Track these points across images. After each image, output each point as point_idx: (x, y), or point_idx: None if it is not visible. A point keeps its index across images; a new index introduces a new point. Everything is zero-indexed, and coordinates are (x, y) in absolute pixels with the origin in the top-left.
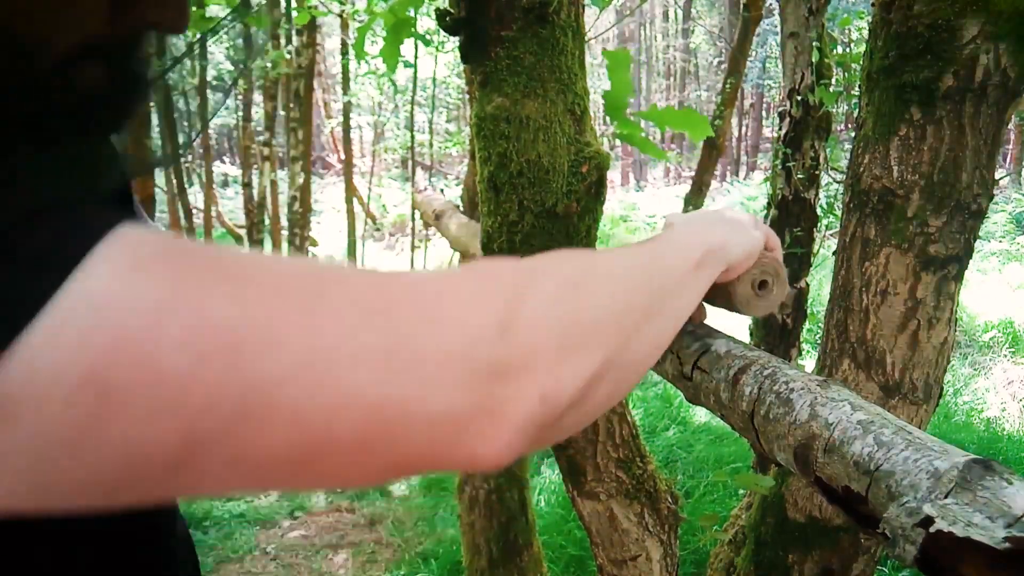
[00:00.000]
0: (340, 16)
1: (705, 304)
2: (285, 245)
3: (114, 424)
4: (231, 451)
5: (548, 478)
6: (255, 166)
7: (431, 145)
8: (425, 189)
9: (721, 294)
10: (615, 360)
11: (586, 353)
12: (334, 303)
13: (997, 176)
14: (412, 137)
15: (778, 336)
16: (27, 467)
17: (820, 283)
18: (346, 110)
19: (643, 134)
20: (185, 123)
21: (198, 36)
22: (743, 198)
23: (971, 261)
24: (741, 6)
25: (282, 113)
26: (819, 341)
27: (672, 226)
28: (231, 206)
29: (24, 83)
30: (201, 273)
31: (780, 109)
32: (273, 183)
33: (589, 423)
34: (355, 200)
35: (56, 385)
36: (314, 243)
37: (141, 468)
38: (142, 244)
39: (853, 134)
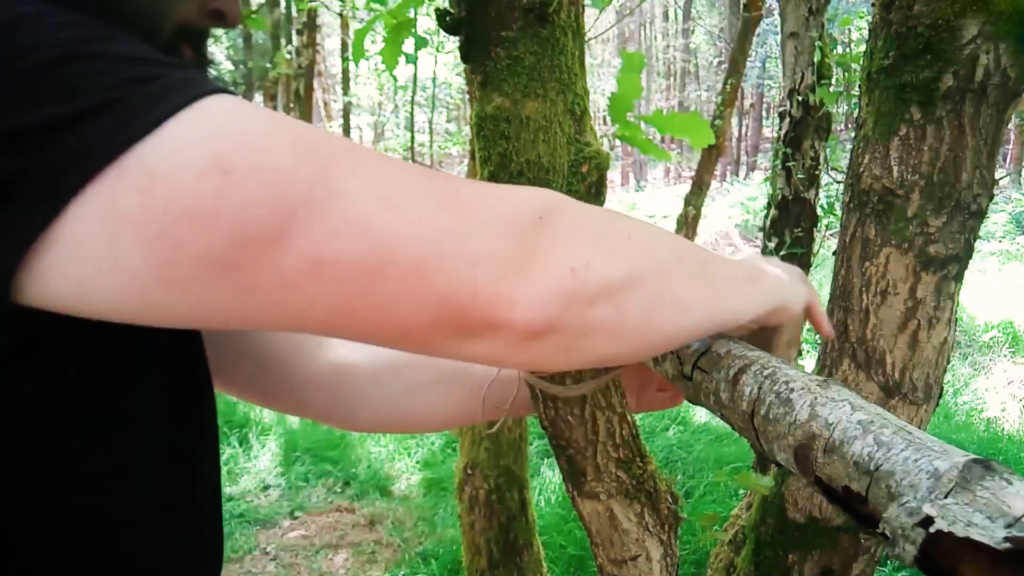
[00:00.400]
0: (340, 16)
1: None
2: None
3: (229, 199)
4: (315, 245)
5: (548, 478)
6: None
7: (431, 145)
8: None
9: (760, 342)
10: (647, 281)
11: (615, 256)
12: (410, 166)
13: (997, 176)
14: (412, 137)
15: None
16: (155, 235)
17: (820, 283)
18: (346, 110)
19: (643, 135)
20: None
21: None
22: (743, 198)
23: (971, 261)
24: (741, 6)
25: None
26: (819, 341)
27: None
28: None
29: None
30: (307, 127)
31: (780, 109)
32: None
33: (627, 346)
34: None
35: (190, 162)
36: None
37: (247, 245)
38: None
39: (853, 134)
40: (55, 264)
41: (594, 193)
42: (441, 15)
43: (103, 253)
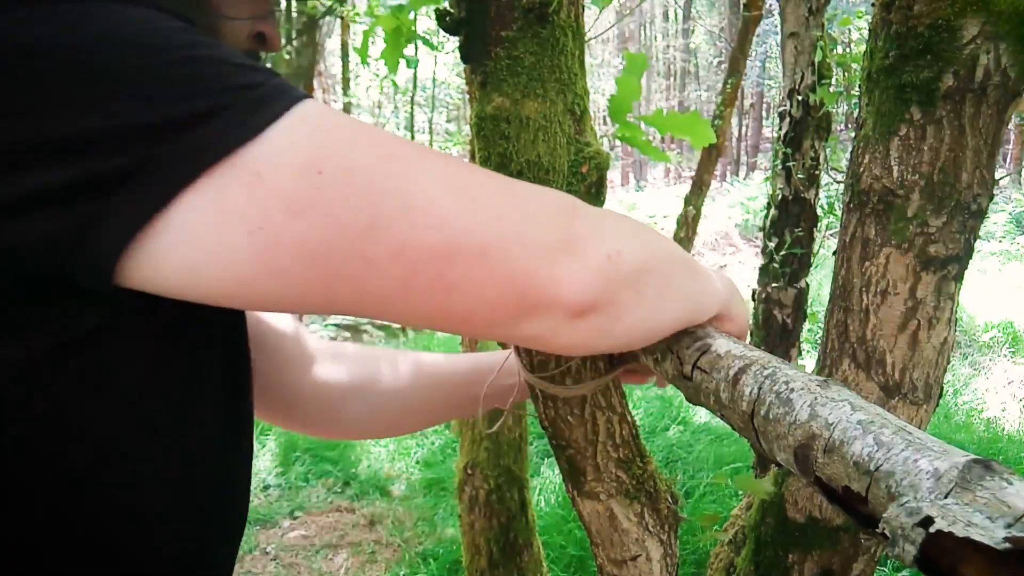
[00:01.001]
0: (340, 17)
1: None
2: None
3: (324, 196)
4: (397, 235)
5: (548, 478)
6: None
7: (431, 145)
8: None
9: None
10: (659, 271)
11: (638, 245)
12: (468, 164)
13: (997, 176)
14: (412, 137)
15: (778, 336)
16: (258, 227)
17: (820, 283)
18: (346, 110)
19: (644, 137)
20: None
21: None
22: (743, 198)
23: (971, 261)
24: (741, 6)
25: None
26: (819, 341)
27: None
28: None
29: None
30: (382, 133)
31: (780, 109)
32: None
33: (641, 326)
34: None
35: (290, 163)
36: None
37: (338, 235)
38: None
39: (853, 134)
40: (167, 247)
41: (594, 193)
42: (441, 15)
43: (212, 240)
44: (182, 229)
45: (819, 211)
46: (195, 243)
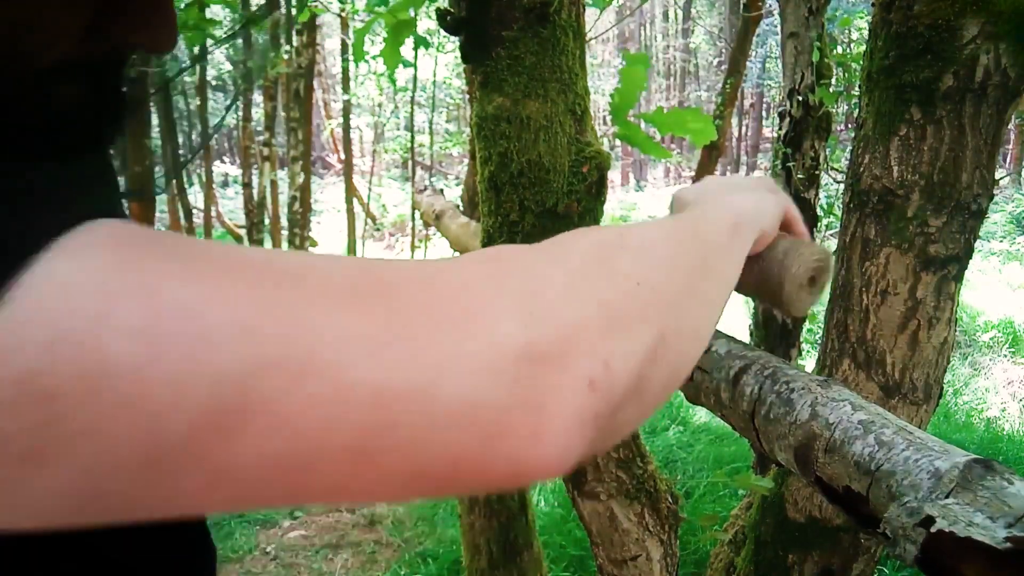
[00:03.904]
0: (340, 16)
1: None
2: (285, 245)
3: (65, 431)
4: (207, 461)
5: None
6: (255, 166)
7: (431, 145)
8: (425, 189)
9: (767, 290)
10: (668, 335)
11: (633, 328)
12: (321, 287)
13: (997, 176)
14: (412, 137)
15: (778, 336)
16: None
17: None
18: (346, 110)
19: (643, 134)
20: (185, 134)
21: (196, 51)
22: None
23: (971, 261)
24: (741, 6)
25: (282, 113)
26: (819, 341)
27: (685, 201)
28: (231, 206)
29: (1, 96)
30: (162, 256)
31: (780, 109)
32: (273, 183)
33: (652, 414)
34: (355, 200)
35: (12, 395)
36: (314, 243)
37: (104, 481)
38: (98, 232)
39: (853, 134)
40: None
41: (594, 193)
42: (441, 15)
43: None
44: None
45: (819, 211)
46: None
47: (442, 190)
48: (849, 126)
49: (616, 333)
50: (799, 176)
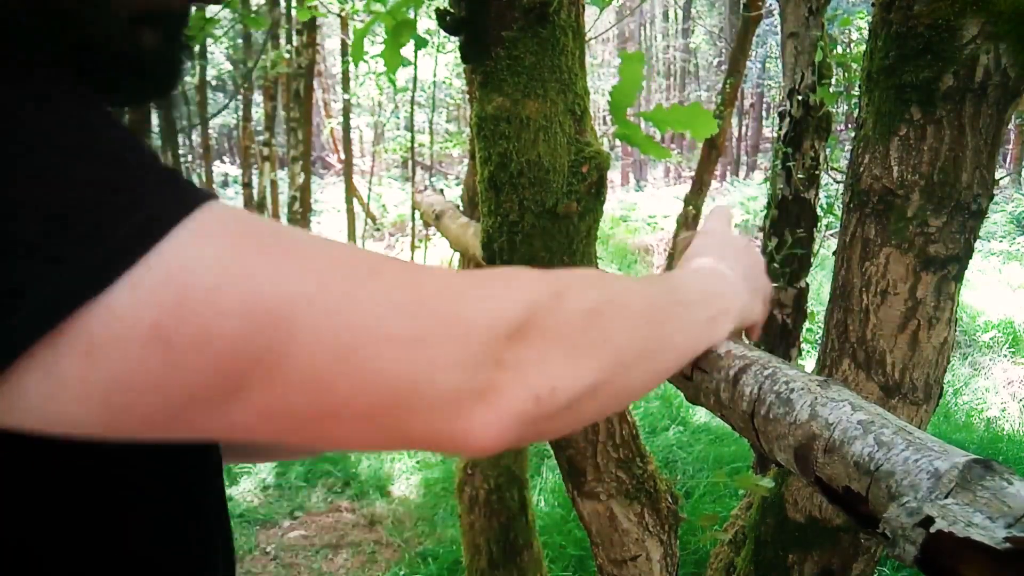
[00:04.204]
0: (340, 16)
1: None
2: None
3: (173, 370)
4: (264, 403)
5: (548, 478)
6: (255, 166)
7: (431, 145)
8: (425, 189)
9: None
10: (613, 382)
11: (585, 371)
12: (373, 290)
13: (997, 176)
14: (412, 137)
15: (778, 336)
16: (100, 398)
17: (820, 283)
18: (346, 110)
19: (643, 134)
20: (184, 125)
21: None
22: (743, 198)
23: (971, 261)
24: (741, 6)
25: (282, 113)
26: (819, 341)
27: (690, 255)
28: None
29: (98, 37)
30: (262, 247)
31: (780, 109)
32: (273, 183)
33: (574, 430)
34: (355, 200)
35: (131, 332)
36: None
37: (191, 409)
38: (219, 218)
39: (853, 134)
40: (4, 408)
41: (594, 193)
42: (441, 15)
43: (48, 409)
44: (16, 396)
45: (819, 211)
46: (33, 409)
47: (442, 190)
48: (849, 126)
49: (571, 367)
50: (799, 176)
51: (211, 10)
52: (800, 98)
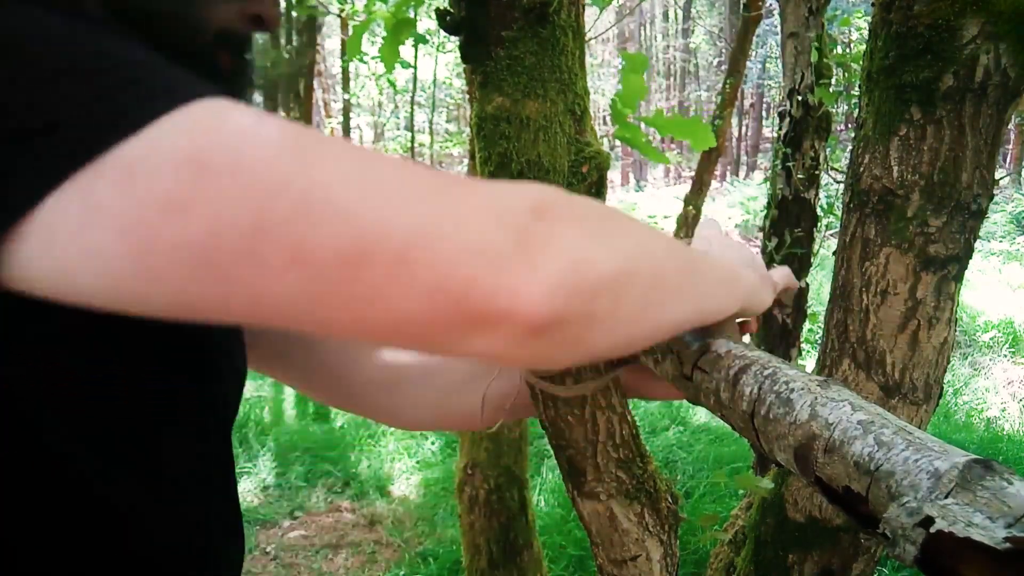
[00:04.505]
0: (340, 16)
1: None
2: None
3: (205, 193)
4: (292, 240)
5: (548, 478)
6: None
7: (431, 145)
8: None
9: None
10: (642, 276)
11: (612, 251)
12: (397, 160)
13: (997, 176)
14: (412, 137)
15: (778, 336)
16: (131, 226)
17: (820, 283)
18: (346, 110)
19: (643, 137)
20: None
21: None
22: (743, 198)
23: (971, 261)
24: (741, 6)
25: (282, 113)
26: (819, 341)
27: (707, 240)
28: None
29: (187, 55)
30: (294, 126)
31: (780, 109)
32: None
33: (619, 337)
34: None
35: (168, 159)
36: None
37: (223, 237)
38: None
39: (853, 134)
40: (35, 251)
41: (594, 193)
42: (441, 15)
43: (79, 242)
44: (50, 233)
45: (819, 211)
46: (64, 245)
47: None
48: (849, 126)
49: (599, 245)
50: (799, 176)
51: None
52: (800, 98)
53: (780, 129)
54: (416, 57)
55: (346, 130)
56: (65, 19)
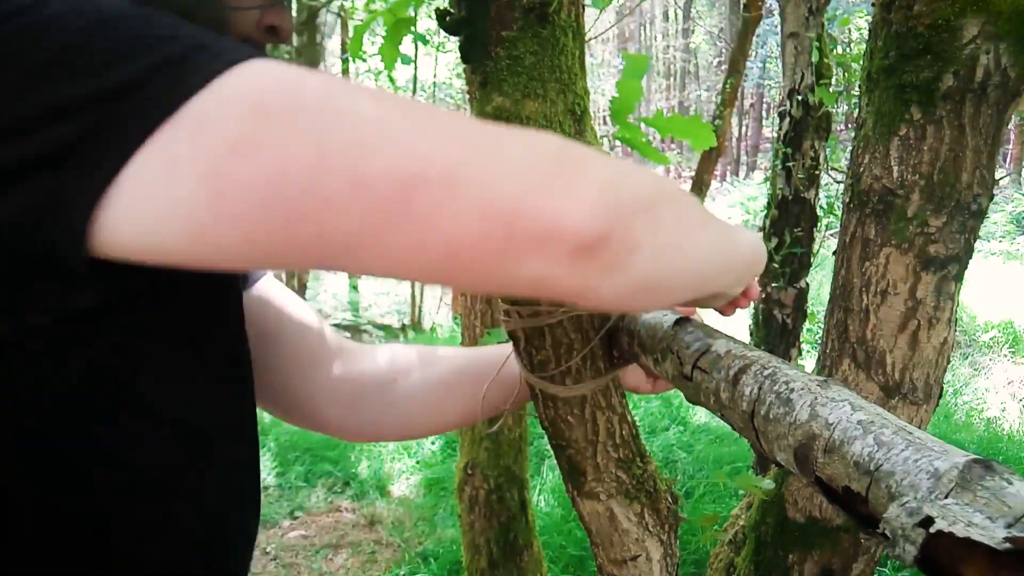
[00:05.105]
0: (340, 16)
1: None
2: None
3: (269, 135)
4: (351, 165)
5: (548, 478)
6: None
7: None
8: None
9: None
10: (671, 202)
11: (640, 179)
12: (435, 108)
13: (997, 176)
14: None
15: (778, 336)
16: (206, 171)
17: (820, 283)
18: None
19: (644, 138)
20: None
21: None
22: (743, 198)
23: (971, 261)
24: (741, 6)
25: None
26: (819, 341)
27: None
28: None
29: None
30: (339, 78)
31: (780, 109)
32: None
33: (660, 265)
34: None
35: (235, 108)
36: None
37: (288, 173)
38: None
39: (853, 134)
40: (123, 211)
41: None
42: (441, 15)
43: (163, 194)
44: (137, 188)
45: (819, 211)
46: (150, 199)
47: None
48: (849, 126)
49: (626, 173)
50: (799, 176)
51: None
52: (800, 98)
53: (780, 129)
54: (416, 56)
55: None
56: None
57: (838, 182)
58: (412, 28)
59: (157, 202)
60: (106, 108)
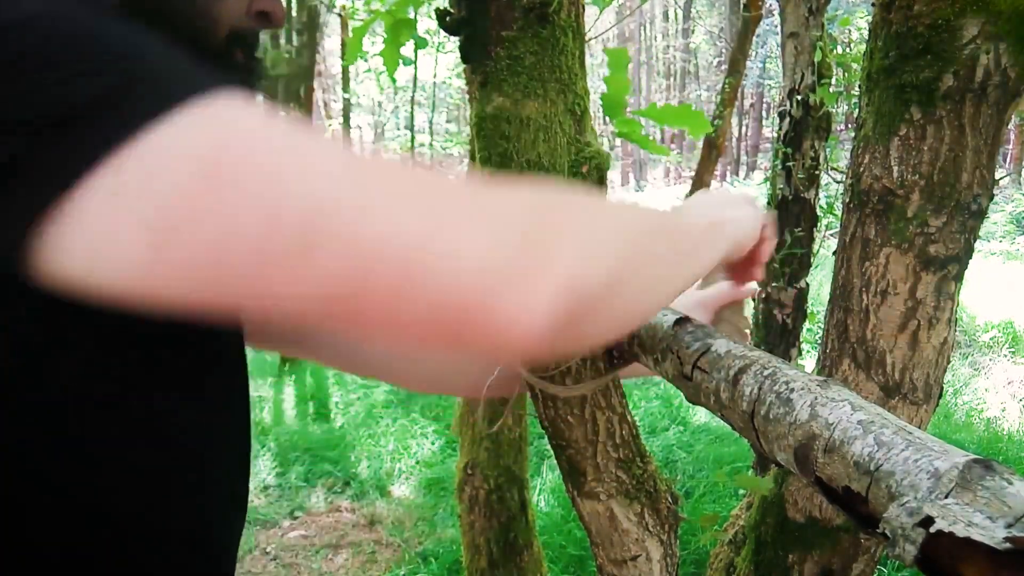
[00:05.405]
0: (340, 16)
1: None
2: None
3: (217, 199)
4: (296, 259)
5: (548, 478)
6: None
7: (431, 145)
8: None
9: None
10: (627, 276)
11: (607, 259)
12: (397, 172)
13: (997, 176)
14: (412, 137)
15: (778, 336)
16: (151, 221)
17: (820, 283)
18: (346, 110)
19: (643, 132)
20: None
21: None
22: None
23: (971, 261)
24: (741, 6)
25: (282, 113)
26: (819, 341)
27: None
28: None
29: (203, 52)
30: (299, 129)
31: (780, 109)
32: None
33: (615, 330)
34: None
35: (184, 159)
36: None
37: (231, 242)
38: (239, 101)
39: (853, 134)
40: (66, 240)
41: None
42: (441, 15)
43: (105, 229)
44: (80, 219)
45: (819, 211)
46: (91, 232)
47: None
48: (849, 126)
49: (595, 252)
50: (799, 176)
51: None
52: (800, 98)
53: (780, 129)
54: (416, 57)
55: (346, 130)
56: (88, 10)
57: (838, 182)
58: (412, 30)
59: (98, 236)
60: (53, 133)
